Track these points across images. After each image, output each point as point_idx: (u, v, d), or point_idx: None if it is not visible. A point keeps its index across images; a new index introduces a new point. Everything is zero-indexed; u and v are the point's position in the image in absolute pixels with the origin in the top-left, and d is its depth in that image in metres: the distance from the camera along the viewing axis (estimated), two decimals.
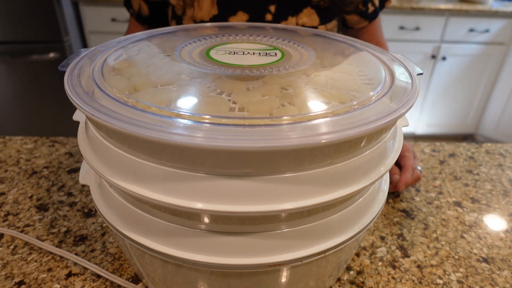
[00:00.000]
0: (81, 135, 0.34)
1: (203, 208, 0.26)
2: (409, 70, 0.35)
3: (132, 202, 0.31)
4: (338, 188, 0.28)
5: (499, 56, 2.12)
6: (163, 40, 0.43)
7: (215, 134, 0.23)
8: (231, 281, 0.33)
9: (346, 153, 0.27)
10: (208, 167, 0.25)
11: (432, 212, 0.54)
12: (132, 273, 0.43)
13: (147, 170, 0.26)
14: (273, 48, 0.41)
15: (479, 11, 1.96)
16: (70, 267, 0.43)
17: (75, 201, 0.53)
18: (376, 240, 0.49)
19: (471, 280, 0.43)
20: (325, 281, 0.39)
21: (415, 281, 0.43)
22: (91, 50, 0.38)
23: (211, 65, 0.35)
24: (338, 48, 0.43)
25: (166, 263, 0.32)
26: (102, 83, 0.30)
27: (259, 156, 0.24)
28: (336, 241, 0.32)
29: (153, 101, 0.27)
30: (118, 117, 0.24)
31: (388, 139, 0.32)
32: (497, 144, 0.74)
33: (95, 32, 1.91)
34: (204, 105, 0.29)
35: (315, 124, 0.25)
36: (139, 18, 0.69)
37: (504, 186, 0.61)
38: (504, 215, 0.55)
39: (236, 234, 0.29)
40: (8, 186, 0.57)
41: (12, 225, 0.49)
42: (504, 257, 0.47)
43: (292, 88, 0.31)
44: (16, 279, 0.41)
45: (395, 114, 0.26)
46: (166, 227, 0.30)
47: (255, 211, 0.26)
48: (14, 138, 0.69)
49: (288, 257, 0.30)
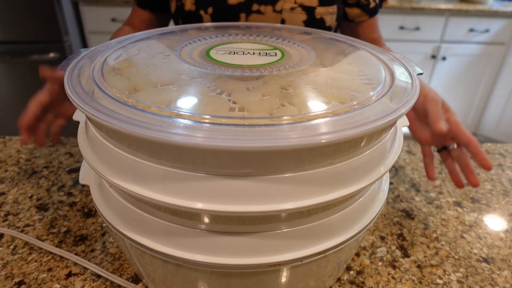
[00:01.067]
0: (81, 135, 0.34)
1: (203, 208, 0.26)
2: (409, 70, 0.35)
3: (132, 202, 0.31)
4: (338, 188, 0.28)
5: (499, 56, 2.12)
6: (163, 40, 0.43)
7: (215, 134, 0.23)
8: (231, 281, 0.33)
9: (346, 153, 0.27)
10: (208, 167, 0.25)
11: (432, 212, 0.54)
12: (132, 273, 0.43)
13: (147, 170, 0.26)
14: (273, 48, 0.41)
15: (479, 11, 1.96)
16: (70, 267, 0.43)
17: (75, 201, 0.53)
18: (376, 240, 0.49)
19: (471, 280, 0.43)
20: (325, 281, 0.39)
21: (415, 281, 0.43)
22: (91, 50, 0.38)
23: (211, 65, 0.35)
24: (338, 48, 0.43)
25: (166, 263, 0.32)
26: (102, 83, 0.30)
27: (259, 156, 0.24)
28: (336, 241, 0.32)
29: (153, 101, 0.27)
30: (118, 117, 0.24)
31: (388, 139, 0.32)
32: (497, 144, 0.74)
33: (95, 32, 1.91)
34: (204, 105, 0.29)
35: (315, 124, 0.25)
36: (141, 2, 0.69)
37: (504, 186, 0.61)
38: (504, 215, 0.55)
39: (236, 234, 0.29)
40: (8, 186, 0.56)
41: (12, 225, 0.49)
42: (504, 257, 0.47)
43: (292, 88, 0.31)
44: (16, 279, 0.41)
45: (395, 114, 0.26)
46: (166, 227, 0.30)
47: (255, 211, 0.26)
48: (14, 138, 0.69)
49: (288, 257, 0.30)
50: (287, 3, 0.59)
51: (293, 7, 0.59)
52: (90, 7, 1.83)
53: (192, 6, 0.61)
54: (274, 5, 0.60)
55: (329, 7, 0.61)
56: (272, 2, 0.60)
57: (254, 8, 0.60)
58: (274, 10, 0.60)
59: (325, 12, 0.61)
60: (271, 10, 0.60)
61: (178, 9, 0.63)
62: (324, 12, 0.61)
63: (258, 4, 0.60)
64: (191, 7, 0.61)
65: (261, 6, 0.60)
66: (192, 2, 0.61)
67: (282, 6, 0.59)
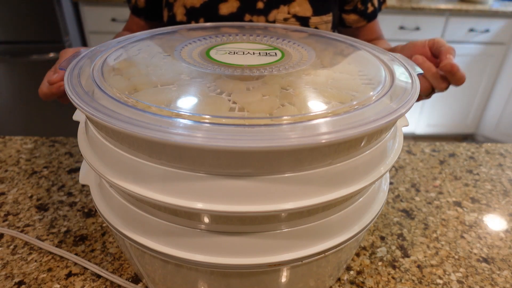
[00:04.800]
0: (81, 135, 0.34)
1: (203, 208, 0.26)
2: (409, 70, 0.35)
3: (132, 202, 0.31)
4: (338, 188, 0.28)
5: (499, 56, 2.12)
6: (163, 40, 0.43)
7: (215, 134, 0.23)
8: (231, 281, 0.33)
9: (346, 153, 0.27)
10: (208, 167, 0.25)
11: (432, 212, 0.54)
12: (132, 273, 0.43)
13: (147, 170, 0.26)
14: (273, 48, 0.41)
15: (479, 11, 1.96)
16: (70, 267, 0.43)
17: (75, 201, 0.53)
18: (376, 240, 0.49)
19: (471, 280, 0.43)
20: (325, 281, 0.39)
21: (415, 281, 0.43)
22: (91, 50, 0.38)
23: (211, 65, 0.35)
24: (338, 48, 0.43)
25: (166, 263, 0.32)
26: (102, 83, 0.30)
27: (259, 156, 0.24)
28: (336, 241, 0.32)
29: (153, 101, 0.27)
30: (118, 117, 0.24)
31: (388, 139, 0.32)
32: (497, 144, 0.74)
33: (95, 32, 1.91)
34: (204, 105, 0.29)
35: (315, 124, 0.25)
36: (135, 10, 0.68)
37: (504, 186, 0.61)
38: (504, 215, 0.55)
39: (236, 234, 0.29)
40: (8, 186, 0.56)
41: (12, 225, 0.49)
42: (504, 257, 0.47)
43: (292, 88, 0.31)
44: (16, 279, 0.41)
45: (395, 114, 0.26)
46: (166, 227, 0.30)
47: (255, 211, 0.26)
48: (14, 138, 0.69)
49: (288, 257, 0.30)
50: (281, 14, 0.58)
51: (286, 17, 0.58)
52: (90, 7, 1.83)
53: (183, 17, 0.60)
54: (267, 16, 0.58)
55: (324, 16, 0.60)
56: (264, 13, 0.58)
57: (246, 18, 0.59)
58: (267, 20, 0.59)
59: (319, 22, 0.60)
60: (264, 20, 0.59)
61: (170, 19, 0.62)
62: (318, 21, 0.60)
63: (251, 15, 0.59)
64: (182, 18, 0.60)
65: (253, 17, 0.59)
66: (183, 13, 0.60)
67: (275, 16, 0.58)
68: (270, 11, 0.58)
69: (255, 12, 0.58)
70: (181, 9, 0.60)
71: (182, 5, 0.60)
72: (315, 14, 0.59)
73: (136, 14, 0.69)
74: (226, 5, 0.59)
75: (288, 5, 0.58)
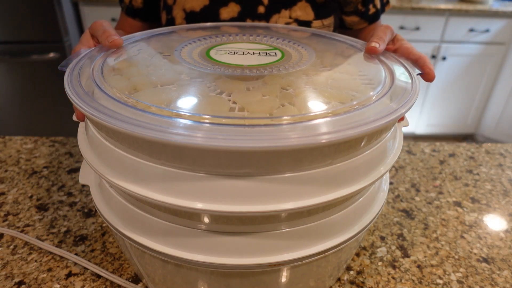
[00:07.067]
0: (81, 135, 0.34)
1: (203, 208, 0.26)
2: (409, 70, 0.35)
3: (132, 202, 0.31)
4: (338, 188, 0.28)
5: (499, 56, 2.12)
6: (163, 40, 0.43)
7: (215, 134, 0.23)
8: (231, 281, 0.33)
9: (346, 153, 0.27)
10: (208, 167, 0.25)
11: (432, 212, 0.54)
12: (132, 273, 0.43)
13: (147, 170, 0.26)
14: (273, 48, 0.41)
15: (479, 11, 1.96)
16: (70, 267, 0.43)
17: (75, 201, 0.53)
18: (376, 240, 0.49)
19: (471, 280, 0.43)
20: (325, 281, 0.39)
21: (415, 281, 0.43)
22: (91, 50, 0.38)
23: (211, 65, 0.35)
24: (338, 48, 0.43)
25: (166, 263, 0.32)
26: (102, 83, 0.30)
27: (259, 156, 0.24)
28: (336, 241, 0.32)
29: (153, 101, 0.27)
30: (118, 117, 0.24)
31: (388, 139, 0.32)
32: (497, 144, 0.74)
33: None
34: (204, 105, 0.29)
35: (315, 124, 0.25)
36: (130, 11, 0.66)
37: (504, 186, 0.61)
38: (504, 215, 0.55)
39: (236, 234, 0.29)
40: (8, 186, 0.56)
41: (12, 225, 0.49)
42: (504, 257, 0.47)
43: (292, 88, 0.31)
44: (16, 279, 0.41)
45: (395, 114, 0.26)
46: (166, 227, 0.30)
47: (255, 211, 0.26)
48: (14, 138, 0.69)
49: (288, 257, 0.30)
50: (282, 18, 0.58)
51: (288, 22, 0.58)
52: (90, 7, 1.83)
53: (182, 21, 0.59)
54: (268, 20, 0.58)
55: (324, 20, 0.60)
56: (265, 17, 0.58)
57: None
58: None
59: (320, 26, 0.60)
60: None
61: (169, 23, 0.62)
62: (319, 25, 0.59)
63: (251, 20, 0.58)
64: (181, 22, 0.60)
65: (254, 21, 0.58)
66: (183, 17, 0.59)
67: (277, 21, 0.58)
68: (271, 15, 0.58)
69: (256, 16, 0.58)
70: (180, 13, 0.60)
71: (182, 8, 0.60)
72: (316, 18, 0.59)
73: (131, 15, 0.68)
74: (227, 9, 0.58)
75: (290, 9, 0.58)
